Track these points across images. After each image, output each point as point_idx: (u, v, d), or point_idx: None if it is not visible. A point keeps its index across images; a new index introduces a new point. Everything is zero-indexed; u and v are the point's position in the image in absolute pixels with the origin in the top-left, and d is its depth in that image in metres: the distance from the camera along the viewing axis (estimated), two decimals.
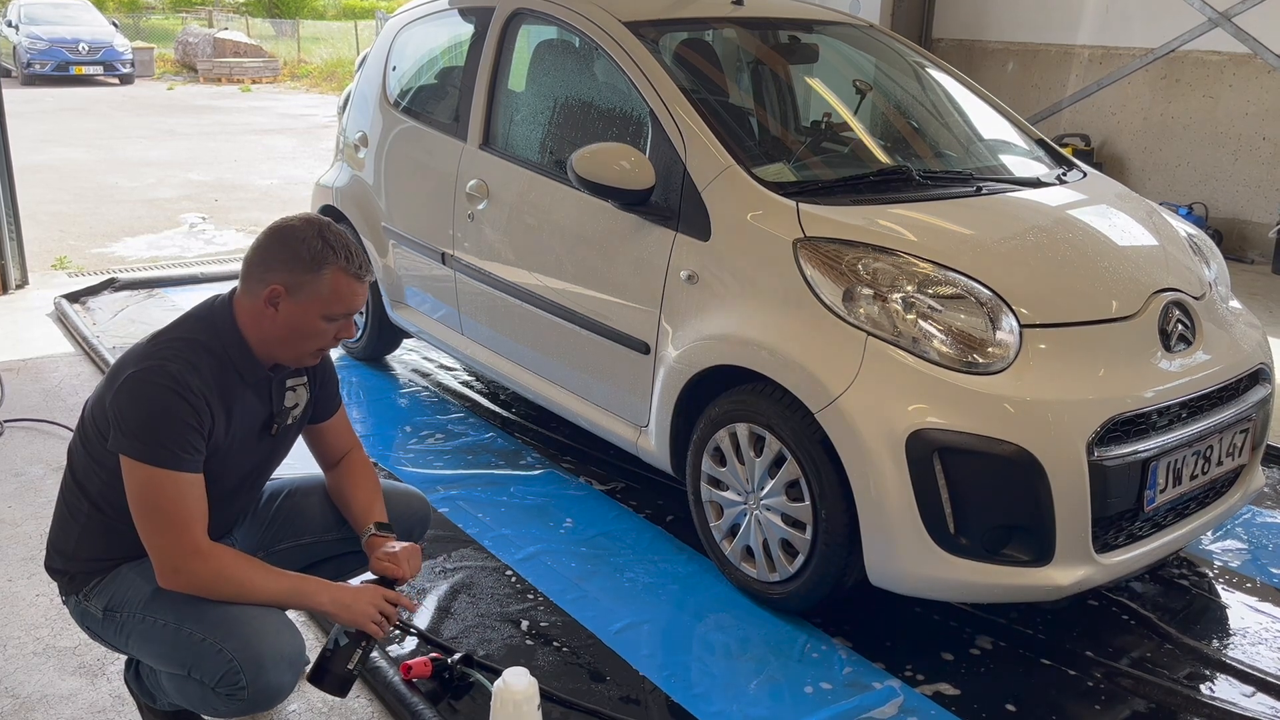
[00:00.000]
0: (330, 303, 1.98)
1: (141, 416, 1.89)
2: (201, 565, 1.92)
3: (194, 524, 1.92)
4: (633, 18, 3.34)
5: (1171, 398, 2.56)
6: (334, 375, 2.32)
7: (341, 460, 2.33)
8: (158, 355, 1.95)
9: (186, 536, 1.91)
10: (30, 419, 3.96)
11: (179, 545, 1.91)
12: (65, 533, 2.08)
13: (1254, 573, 3.09)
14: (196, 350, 1.97)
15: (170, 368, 1.92)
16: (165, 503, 1.90)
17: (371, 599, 2.04)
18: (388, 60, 4.41)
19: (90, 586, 2.07)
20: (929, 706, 2.46)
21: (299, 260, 1.95)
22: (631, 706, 2.43)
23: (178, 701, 2.10)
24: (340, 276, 1.97)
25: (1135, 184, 7.51)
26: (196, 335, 2.00)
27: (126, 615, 2.02)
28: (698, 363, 2.84)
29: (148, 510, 1.91)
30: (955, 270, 2.58)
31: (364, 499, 2.27)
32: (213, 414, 1.96)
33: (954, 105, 3.73)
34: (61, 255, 6.64)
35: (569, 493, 3.49)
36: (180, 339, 1.99)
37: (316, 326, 2.00)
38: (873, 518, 2.48)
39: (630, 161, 2.94)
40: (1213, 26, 7.26)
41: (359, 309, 2.06)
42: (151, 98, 17.96)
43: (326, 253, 1.96)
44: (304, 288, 1.96)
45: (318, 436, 2.32)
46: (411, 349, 4.89)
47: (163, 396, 1.89)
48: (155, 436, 1.89)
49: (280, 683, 1.95)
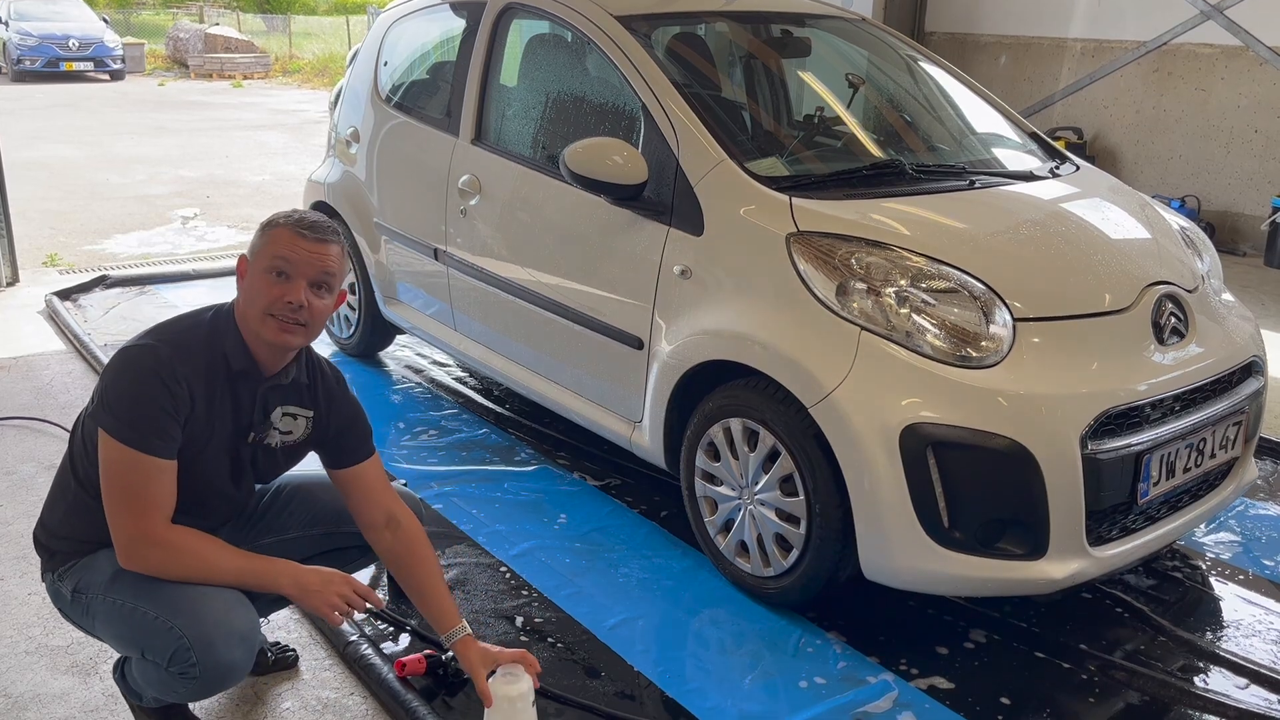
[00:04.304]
0: (270, 254, 2.01)
1: (123, 393, 1.94)
2: (155, 552, 1.95)
3: (154, 510, 1.95)
4: (625, 12, 3.33)
5: (1165, 391, 2.56)
6: (360, 424, 2.25)
7: (394, 528, 2.23)
8: (153, 336, 2.01)
9: (145, 521, 1.94)
10: (21, 417, 3.94)
11: (136, 528, 1.94)
12: (53, 509, 2.13)
13: (1247, 565, 3.09)
14: (192, 337, 2.03)
15: (162, 351, 1.96)
16: (131, 484, 1.93)
17: (339, 589, 2.02)
18: (379, 55, 4.39)
19: (66, 567, 2.09)
20: (923, 700, 2.46)
21: (258, 231, 2.07)
22: (626, 702, 2.43)
23: (144, 689, 2.11)
24: (283, 231, 2.03)
25: (1128, 177, 7.52)
26: (197, 324, 2.06)
27: (90, 597, 2.04)
28: (691, 358, 2.83)
29: (113, 488, 1.95)
30: (949, 264, 2.58)
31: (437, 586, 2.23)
32: (194, 402, 1.98)
33: (946, 99, 3.73)
34: (52, 252, 6.61)
35: (563, 488, 3.49)
36: (181, 326, 2.06)
37: (263, 284, 2.01)
38: (867, 512, 2.47)
39: (623, 156, 2.94)
40: (1205, 19, 7.26)
41: (301, 264, 2.01)
42: (142, 94, 17.88)
43: (278, 217, 2.07)
44: (256, 248, 2.05)
45: (346, 487, 2.25)
46: (405, 345, 4.88)
47: (147, 377, 1.94)
48: (132, 416, 1.92)
49: (231, 659, 1.95)
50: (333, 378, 2.26)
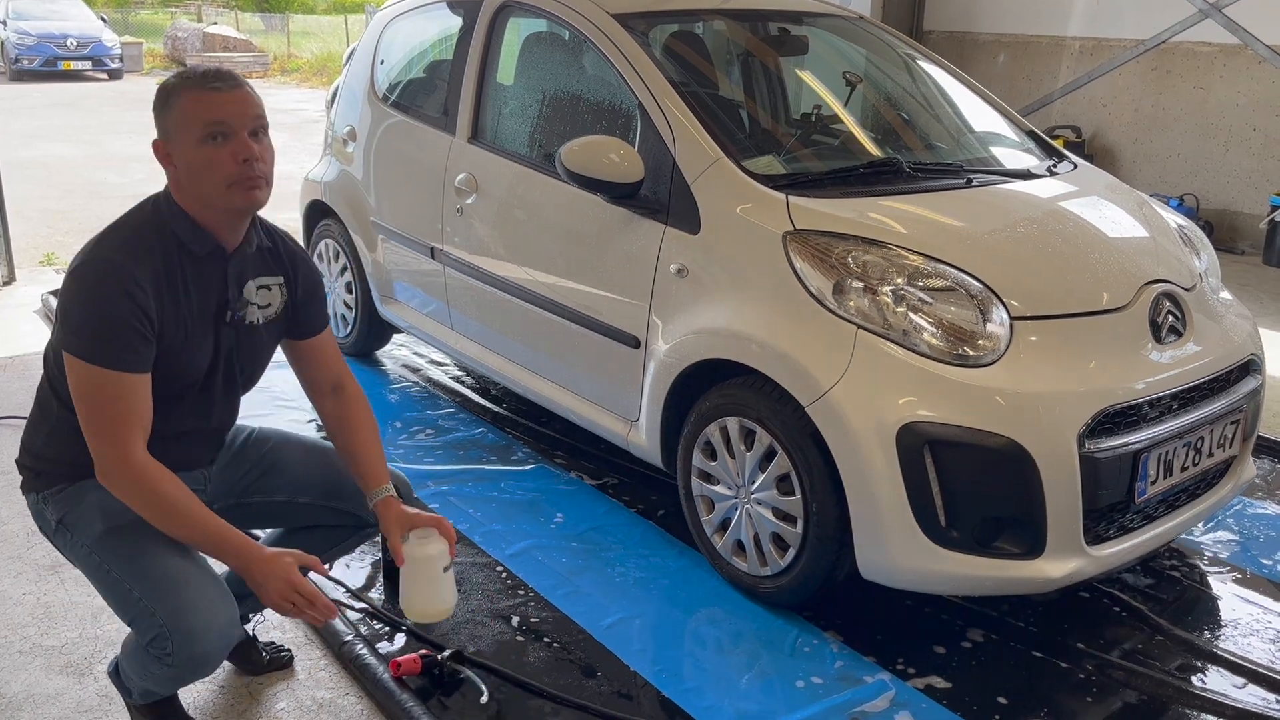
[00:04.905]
0: (192, 125, 1.90)
1: (83, 312, 1.86)
2: (130, 477, 1.89)
3: (130, 428, 1.88)
4: (621, 10, 3.32)
5: (1162, 389, 2.55)
6: (320, 292, 2.24)
7: (338, 392, 2.24)
8: (102, 247, 1.91)
9: (120, 442, 1.87)
10: (17, 416, 3.93)
11: (112, 450, 1.88)
12: (36, 431, 2.08)
13: (1245, 564, 3.09)
14: (141, 234, 1.94)
15: (114, 259, 1.88)
16: (103, 403, 1.87)
17: (279, 589, 1.91)
18: (376, 54, 4.38)
19: (53, 490, 2.05)
20: (920, 700, 2.45)
21: (158, 109, 1.95)
22: (623, 702, 2.42)
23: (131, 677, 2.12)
24: (193, 96, 1.90)
25: (1126, 176, 7.52)
26: (141, 220, 1.97)
27: (76, 541, 2.02)
28: (688, 356, 2.83)
29: (86, 409, 1.88)
30: (945, 263, 2.58)
31: (370, 448, 2.18)
32: (162, 302, 1.91)
33: (945, 97, 3.72)
34: (50, 251, 6.60)
35: (560, 488, 3.48)
36: (124, 226, 1.96)
37: (204, 156, 1.90)
38: (864, 511, 2.47)
39: (619, 154, 2.93)
40: (1203, 17, 7.26)
41: (233, 118, 1.91)
42: (140, 93, 17.82)
43: (172, 85, 1.94)
44: (173, 124, 1.92)
45: (302, 356, 2.24)
46: (401, 344, 4.87)
47: (104, 291, 1.85)
48: (96, 333, 1.85)
49: (207, 652, 1.94)
50: (290, 238, 2.21)
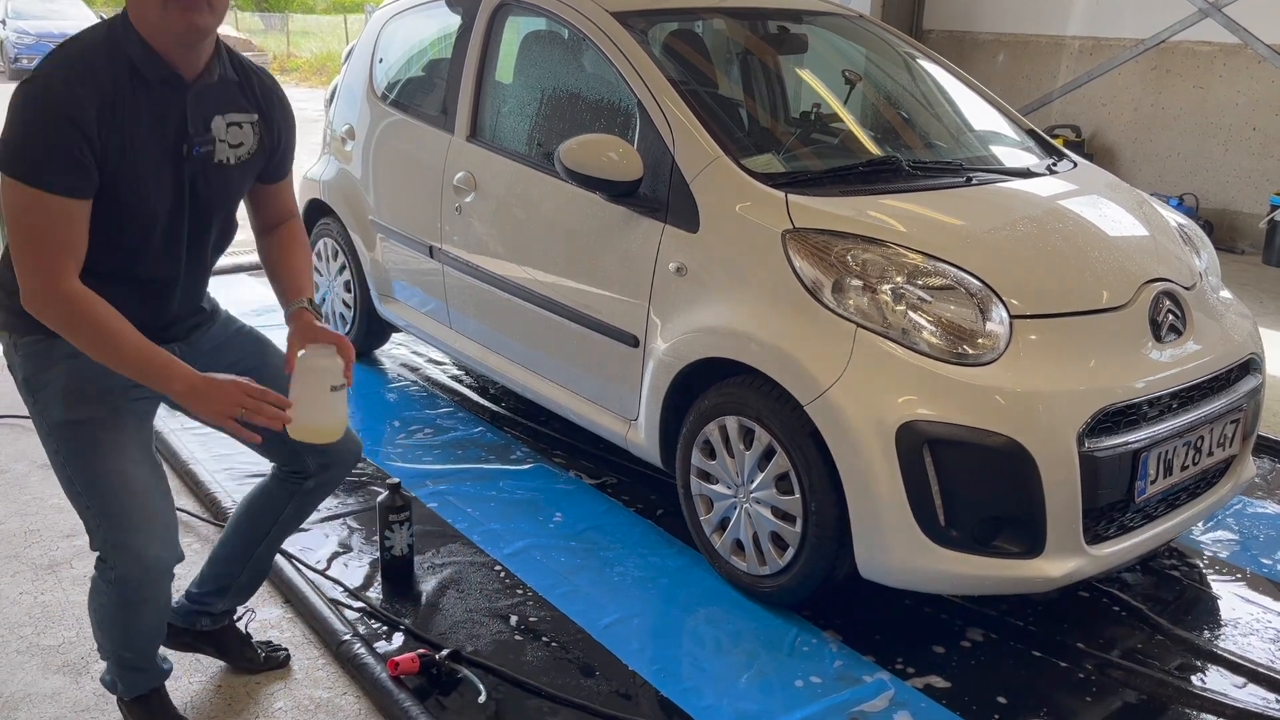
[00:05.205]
0: None
1: (21, 132, 1.79)
2: (57, 307, 1.83)
3: (61, 255, 1.81)
4: (620, 8, 3.31)
5: (1162, 388, 2.55)
6: (294, 132, 2.20)
7: (284, 225, 2.24)
8: (49, 64, 1.84)
9: (51, 271, 1.81)
10: (11, 415, 3.92)
11: (42, 279, 1.82)
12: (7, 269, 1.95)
13: (1245, 563, 3.08)
14: (87, 56, 1.85)
15: (56, 77, 1.80)
16: (35, 226, 1.79)
17: (232, 395, 1.86)
18: (374, 52, 4.38)
19: (25, 339, 1.99)
20: (920, 699, 2.45)
21: None
22: (622, 701, 2.42)
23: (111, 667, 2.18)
24: None
25: (1126, 175, 7.51)
26: (92, 40, 1.89)
27: (37, 414, 2.01)
28: (687, 355, 2.82)
29: (17, 232, 1.81)
30: (945, 261, 2.57)
31: (299, 267, 2.18)
32: (107, 127, 1.83)
33: (944, 96, 3.72)
34: None
35: (558, 487, 3.47)
36: (78, 47, 1.88)
37: None
38: (863, 510, 2.46)
39: (618, 153, 2.92)
40: (1203, 17, 7.26)
41: None
42: None
43: None
44: None
45: (259, 197, 2.22)
46: (400, 343, 4.86)
47: (45, 111, 1.78)
48: (32, 154, 1.78)
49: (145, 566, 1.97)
50: (266, 74, 2.15)
